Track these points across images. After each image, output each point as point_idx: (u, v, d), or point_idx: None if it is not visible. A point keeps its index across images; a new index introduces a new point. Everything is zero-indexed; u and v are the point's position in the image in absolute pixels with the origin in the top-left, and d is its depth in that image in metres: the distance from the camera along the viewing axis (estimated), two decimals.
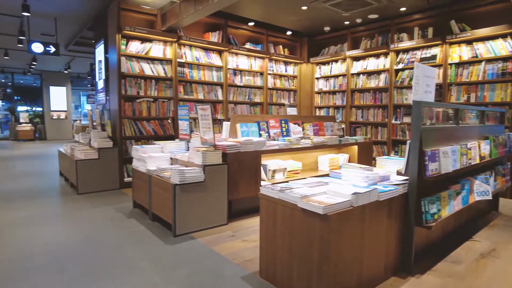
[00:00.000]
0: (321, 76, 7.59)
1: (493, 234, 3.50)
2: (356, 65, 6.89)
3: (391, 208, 2.37)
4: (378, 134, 6.53)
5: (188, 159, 3.58)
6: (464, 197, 2.98)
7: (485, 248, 3.11)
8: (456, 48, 5.44)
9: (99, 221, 3.72)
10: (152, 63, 5.57)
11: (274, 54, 7.14)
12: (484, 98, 5.14)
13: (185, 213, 3.22)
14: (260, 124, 4.27)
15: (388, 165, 3.17)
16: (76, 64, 12.70)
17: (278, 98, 7.39)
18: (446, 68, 5.50)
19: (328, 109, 7.46)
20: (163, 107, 5.67)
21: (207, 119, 3.58)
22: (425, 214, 2.45)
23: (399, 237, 2.49)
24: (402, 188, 2.45)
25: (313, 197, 2.09)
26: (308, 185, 2.40)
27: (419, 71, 2.46)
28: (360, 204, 2.07)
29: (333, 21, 6.60)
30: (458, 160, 2.79)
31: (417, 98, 2.48)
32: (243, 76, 6.74)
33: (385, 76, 6.39)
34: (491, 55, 5.07)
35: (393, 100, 6.23)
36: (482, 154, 3.27)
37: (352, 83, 6.92)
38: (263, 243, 2.36)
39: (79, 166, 4.85)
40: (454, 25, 5.41)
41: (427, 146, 2.48)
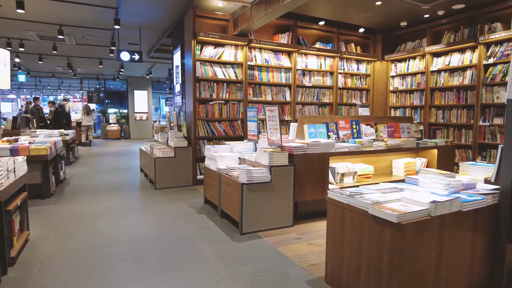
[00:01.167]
0: (396, 74, 7.12)
1: None
2: (436, 61, 6.31)
3: (477, 221, 2.11)
4: (462, 137, 5.89)
5: (255, 160, 3.64)
6: None
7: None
8: None
9: (173, 215, 3.99)
10: (224, 67, 5.80)
11: (345, 52, 6.90)
12: None
13: (252, 212, 3.29)
14: (329, 125, 4.16)
15: (473, 171, 2.84)
16: (156, 69, 13.84)
17: (349, 98, 7.12)
18: None
19: (405, 109, 6.96)
20: (233, 109, 5.86)
21: (275, 120, 3.60)
22: None
23: (487, 254, 2.21)
24: (491, 199, 2.16)
25: (385, 204, 1.96)
26: (381, 190, 2.26)
27: None
28: (439, 214, 1.88)
29: (411, 15, 6.13)
30: None
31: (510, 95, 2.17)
32: (311, 76, 6.64)
33: (471, 72, 5.73)
34: None
35: (481, 99, 5.56)
36: None
37: (432, 81, 6.35)
38: (330, 248, 2.29)
39: (157, 163, 5.27)
40: None
41: None
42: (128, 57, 8.00)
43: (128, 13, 6.61)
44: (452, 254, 2.01)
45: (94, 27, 7.69)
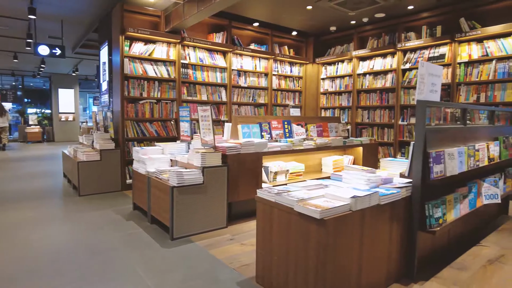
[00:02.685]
0: (326, 77, 7.48)
1: (502, 239, 3.36)
2: (362, 65, 6.77)
3: (393, 212, 2.27)
4: (385, 135, 6.40)
5: (187, 161, 3.52)
6: (471, 201, 2.86)
7: (493, 254, 2.98)
8: (466, 47, 5.29)
9: (97, 223, 3.69)
10: (155, 64, 5.55)
11: (279, 54, 7.07)
12: (494, 98, 4.98)
13: (183, 216, 3.16)
14: (262, 125, 4.20)
15: (392, 167, 3.07)
16: (83, 66, 12.81)
17: (283, 99, 7.31)
18: (454, 68, 5.36)
19: (334, 110, 7.35)
20: (166, 109, 5.64)
21: (207, 120, 3.52)
22: (429, 218, 2.34)
23: (402, 242, 2.39)
24: (405, 192, 2.34)
25: (310, 200, 2.01)
26: (307, 187, 2.32)
27: (424, 69, 2.36)
28: (359, 208, 1.98)
29: (339, 20, 6.50)
30: (465, 162, 2.67)
31: (421, 97, 2.38)
32: (247, 77, 6.68)
33: (392, 76, 6.26)
34: (502, 53, 4.91)
35: (400, 101, 6.09)
36: (491, 156, 3.14)
37: (358, 83, 6.80)
38: (260, 247, 2.29)
39: (81, 167, 4.85)
40: (463, 22, 5.26)
41: (431, 148, 2.38)
42: (47, 52, 7.26)
43: (47, 2, 5.99)
44: (372, 245, 2.12)
45: (5, 15, 6.82)
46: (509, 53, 4.83)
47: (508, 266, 2.74)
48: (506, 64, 4.87)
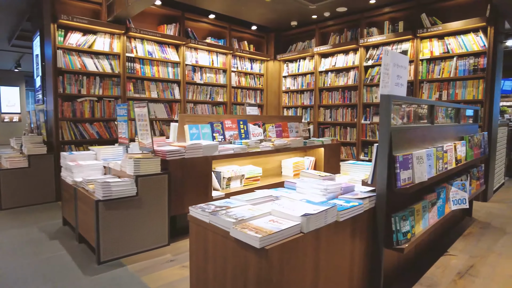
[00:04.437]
0: (288, 74, 7.15)
1: (469, 245, 3.13)
2: (324, 62, 6.49)
3: (355, 228, 1.90)
4: (347, 135, 6.16)
5: (120, 168, 2.99)
6: (440, 208, 2.58)
7: (462, 264, 2.72)
8: (428, 43, 5.13)
9: (12, 244, 3.05)
10: (96, 57, 4.91)
11: (238, 50, 6.63)
12: (456, 95, 4.85)
13: (113, 235, 2.64)
14: (214, 126, 3.74)
15: (353, 171, 2.73)
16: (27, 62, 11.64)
17: (243, 98, 6.88)
18: (417, 64, 5.19)
19: (296, 109, 7.03)
20: (109, 107, 5.01)
21: (144, 120, 3.01)
22: (396, 233, 2.00)
23: (366, 262, 2.03)
24: (368, 203, 1.99)
25: (252, 221, 1.58)
26: (253, 201, 1.89)
27: (389, 58, 2.02)
28: (312, 228, 1.58)
29: (300, 14, 6.17)
30: (434, 166, 2.37)
31: (386, 91, 2.04)
32: (203, 73, 6.18)
33: (354, 73, 6.02)
34: (462, 51, 4.78)
35: (363, 99, 5.87)
36: (458, 157, 2.89)
37: (320, 81, 6.52)
38: (193, 278, 1.83)
39: (3, 177, 4.13)
40: (425, 18, 5.09)
41: (398, 150, 2.04)
42: None
43: None
44: (330, 270, 1.74)
45: None
46: (469, 50, 4.71)
47: (479, 280, 2.48)
48: (466, 62, 4.75)
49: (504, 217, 4.05)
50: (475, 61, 4.67)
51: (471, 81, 4.71)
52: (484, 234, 3.45)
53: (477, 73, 4.64)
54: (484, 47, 4.57)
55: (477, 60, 4.66)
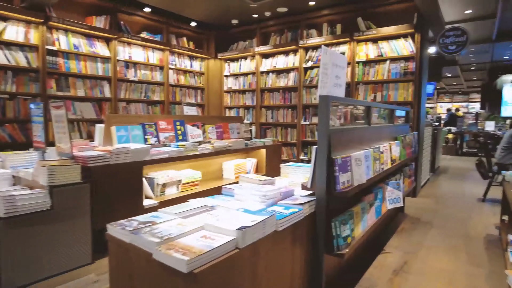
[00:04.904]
0: (230, 74, 6.99)
1: (403, 241, 3.26)
2: (265, 62, 6.45)
3: (295, 236, 1.80)
4: (288, 136, 6.18)
5: (32, 178, 2.57)
6: (377, 208, 2.61)
7: (397, 262, 2.80)
8: (363, 46, 5.32)
9: None
10: (7, 48, 4.27)
11: (177, 46, 6.30)
12: (389, 97, 5.09)
13: (20, 258, 2.23)
14: (146, 127, 3.43)
15: (293, 173, 2.65)
16: None
17: (183, 97, 6.57)
18: (354, 66, 5.36)
19: (239, 110, 6.90)
20: (25, 107, 4.39)
21: (62, 122, 2.62)
22: (337, 238, 1.94)
23: (307, 269, 1.94)
24: (308, 208, 1.90)
25: (180, 239, 1.38)
26: (184, 213, 1.69)
27: (328, 58, 1.95)
28: (249, 242, 1.43)
29: (241, 13, 6.05)
30: (371, 167, 2.38)
31: (325, 92, 1.97)
32: (138, 69, 5.75)
33: (294, 74, 6.06)
34: (394, 54, 5.04)
35: (302, 100, 5.93)
36: (393, 157, 2.97)
37: (262, 81, 6.46)
38: None
39: None
40: (361, 22, 5.28)
41: (336, 153, 1.98)
42: None
43: None
44: (270, 284, 1.61)
45: None
46: (400, 55, 4.98)
47: (412, 276, 2.55)
48: (397, 65, 5.01)
49: (431, 211, 4.32)
50: (405, 65, 4.95)
51: (402, 83, 4.98)
52: (415, 229, 3.63)
53: (407, 76, 4.91)
54: (412, 52, 4.86)
55: (407, 64, 4.94)
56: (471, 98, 21.29)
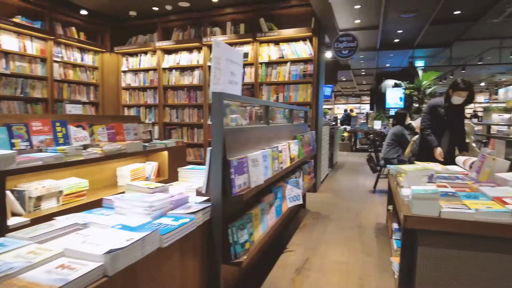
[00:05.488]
0: (128, 69, 6.41)
1: (304, 238, 3.34)
2: (168, 58, 6.08)
3: (187, 250, 1.61)
4: (195, 136, 5.95)
5: None
6: (278, 207, 2.58)
7: (299, 260, 2.83)
8: (266, 47, 5.39)
9: None
10: None
11: (63, 36, 5.50)
12: (290, 98, 5.26)
13: None
14: (14, 129, 2.83)
15: (192, 177, 2.46)
16: None
17: (72, 94, 5.77)
18: (257, 67, 5.39)
19: (139, 109, 6.38)
20: None
21: None
22: (234, 246, 1.81)
23: (203, 282, 1.77)
24: (202, 216, 1.72)
25: (26, 273, 1.06)
26: (42, 237, 1.34)
27: (221, 52, 1.80)
28: (122, 267, 1.18)
29: (140, 4, 5.58)
30: (270, 167, 2.32)
31: (218, 88, 1.82)
32: (10, 60, 4.83)
33: (199, 72, 5.84)
34: (294, 57, 5.21)
35: (208, 99, 5.76)
36: (292, 156, 3.00)
37: (165, 79, 6.08)
38: None
39: None
40: (263, 23, 5.34)
41: (232, 154, 1.85)
42: None
43: None
44: None
45: None
46: (299, 57, 5.18)
47: (313, 273, 2.60)
48: (297, 67, 5.20)
49: (330, 205, 4.59)
50: (304, 67, 5.17)
51: (302, 85, 5.19)
52: (316, 224, 3.78)
53: (306, 78, 5.13)
54: (311, 55, 5.10)
55: (306, 66, 5.16)
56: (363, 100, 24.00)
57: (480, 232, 1.65)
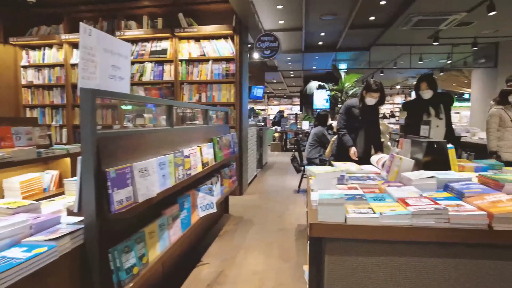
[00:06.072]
0: (30, 65, 5.60)
1: (222, 247, 3.13)
2: (76, 53, 5.43)
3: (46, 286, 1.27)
4: None
5: None
6: (184, 219, 2.32)
7: (213, 273, 2.61)
8: (186, 44, 5.09)
9: None
10: None
11: None
12: (213, 98, 5.03)
13: None
14: None
15: None
16: None
17: None
18: (177, 65, 5.06)
19: (44, 109, 5.60)
20: None
21: None
22: (117, 273, 1.51)
23: None
24: (70, 242, 1.40)
25: None
26: None
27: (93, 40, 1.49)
28: None
29: None
30: (171, 175, 2.06)
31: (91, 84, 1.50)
32: None
33: None
34: (216, 55, 5.00)
35: None
36: (204, 160, 2.77)
37: (74, 76, 5.42)
38: None
39: None
40: (182, 18, 5.02)
41: (112, 163, 1.55)
42: None
43: None
44: None
45: None
46: (221, 55, 4.97)
47: (226, 286, 2.40)
48: (220, 66, 4.99)
49: (254, 207, 4.46)
50: (227, 66, 4.98)
51: (225, 84, 5.00)
52: (237, 230, 3.60)
53: (228, 77, 4.95)
54: (233, 53, 4.92)
55: (228, 65, 4.97)
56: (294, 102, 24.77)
57: (385, 238, 1.59)
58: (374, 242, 1.63)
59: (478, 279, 1.46)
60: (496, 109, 4.24)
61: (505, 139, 4.16)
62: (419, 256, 1.52)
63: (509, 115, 4.17)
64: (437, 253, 1.48)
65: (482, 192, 1.67)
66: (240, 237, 3.37)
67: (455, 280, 1.47)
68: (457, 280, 1.47)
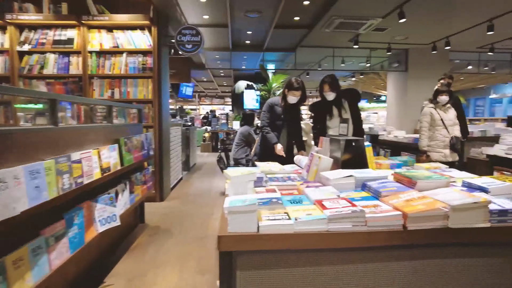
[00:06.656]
0: None
1: (132, 263, 2.75)
2: None
3: None
4: None
5: None
6: (75, 238, 1.92)
7: None
8: (96, 34, 4.51)
9: None
10: None
11: None
12: (128, 94, 4.54)
13: None
14: None
15: None
16: None
17: None
18: (86, 57, 4.46)
19: None
20: None
21: None
22: None
23: None
24: None
25: None
26: None
27: None
28: None
29: None
30: (50, 185, 1.65)
31: None
32: None
33: (4, 59, 4.50)
34: (131, 47, 4.52)
35: None
36: (105, 165, 2.37)
37: None
38: None
39: None
40: (91, 4, 4.42)
41: None
42: None
43: None
44: None
45: None
46: (137, 48, 4.52)
47: None
48: (135, 59, 4.53)
49: (175, 214, 4.10)
50: (143, 60, 4.54)
51: (142, 80, 4.55)
52: (152, 242, 3.22)
53: (146, 72, 4.51)
54: (150, 46, 4.50)
55: (145, 58, 4.54)
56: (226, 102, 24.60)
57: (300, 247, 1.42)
58: (291, 252, 1.45)
59: (401, 283, 1.37)
60: (428, 108, 4.19)
61: (435, 138, 4.11)
62: (340, 264, 1.38)
63: (440, 114, 4.12)
64: (358, 257, 1.37)
65: (397, 190, 1.61)
66: (154, 250, 3.01)
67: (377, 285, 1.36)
68: (378, 284, 1.37)
